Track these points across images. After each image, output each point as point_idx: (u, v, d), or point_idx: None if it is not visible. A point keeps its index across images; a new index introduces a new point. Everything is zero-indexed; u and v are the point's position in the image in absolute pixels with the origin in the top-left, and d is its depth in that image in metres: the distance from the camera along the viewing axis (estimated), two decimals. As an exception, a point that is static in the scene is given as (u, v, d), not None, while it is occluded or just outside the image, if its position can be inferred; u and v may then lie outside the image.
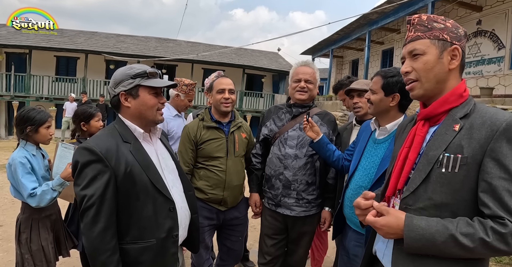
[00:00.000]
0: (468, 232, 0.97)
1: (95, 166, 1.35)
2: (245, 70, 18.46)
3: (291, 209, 2.25)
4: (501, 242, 0.94)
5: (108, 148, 1.38)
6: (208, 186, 2.35)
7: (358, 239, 1.87)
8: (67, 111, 13.00)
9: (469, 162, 1.03)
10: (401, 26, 12.53)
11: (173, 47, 19.06)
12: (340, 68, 18.52)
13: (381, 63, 14.43)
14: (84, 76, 16.00)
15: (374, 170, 1.80)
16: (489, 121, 1.03)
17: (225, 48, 19.12)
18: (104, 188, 1.34)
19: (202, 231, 2.38)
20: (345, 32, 13.96)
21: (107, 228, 1.34)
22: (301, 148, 2.26)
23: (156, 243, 1.46)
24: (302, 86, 2.29)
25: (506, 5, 8.64)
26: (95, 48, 16.07)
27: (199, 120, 2.44)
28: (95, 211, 1.33)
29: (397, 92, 1.80)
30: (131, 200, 1.42)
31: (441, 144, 1.10)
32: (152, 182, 1.46)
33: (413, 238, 1.03)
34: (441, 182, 1.07)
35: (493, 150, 1.00)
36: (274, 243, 2.40)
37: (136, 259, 1.43)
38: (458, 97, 1.14)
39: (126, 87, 1.48)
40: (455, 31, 1.16)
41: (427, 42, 1.16)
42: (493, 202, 0.98)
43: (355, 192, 1.87)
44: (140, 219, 1.43)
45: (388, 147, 1.79)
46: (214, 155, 2.35)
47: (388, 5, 9.72)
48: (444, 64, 1.14)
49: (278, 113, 2.43)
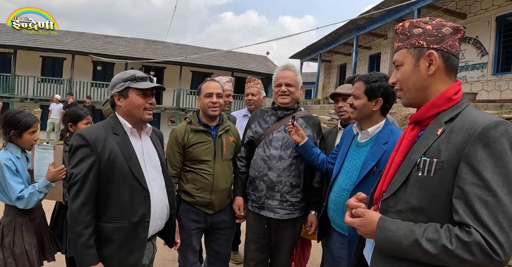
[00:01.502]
0: (433, 238, 0.95)
1: (84, 149, 1.61)
2: (233, 73, 18.46)
3: (275, 212, 2.25)
4: (466, 251, 0.90)
5: (97, 137, 1.64)
6: (196, 189, 2.34)
7: (343, 241, 1.89)
8: (53, 112, 12.78)
9: (445, 166, 1.00)
10: (388, 31, 12.72)
11: (161, 49, 18.96)
12: (328, 73, 18.67)
13: (368, 68, 14.59)
14: (70, 77, 15.78)
15: (357, 173, 1.82)
16: (468, 125, 1.00)
17: (214, 51, 19.09)
18: (88, 169, 1.59)
19: (189, 234, 2.38)
20: (334, 37, 14.08)
21: (85, 204, 1.58)
22: (286, 149, 2.27)
23: (128, 226, 1.67)
24: (283, 90, 2.32)
25: (489, 13, 8.86)
26: (82, 49, 15.88)
27: (186, 123, 2.44)
28: (78, 187, 1.58)
29: (380, 96, 1.82)
30: (111, 184, 1.65)
31: (422, 148, 1.08)
32: (132, 171, 1.68)
33: (383, 240, 1.04)
34: (418, 185, 1.05)
35: (467, 154, 0.96)
36: (258, 248, 2.39)
37: (109, 237, 1.65)
38: (446, 101, 1.11)
39: (119, 89, 1.74)
40: (434, 33, 1.13)
41: (404, 52, 1.18)
42: (463, 208, 0.94)
43: (338, 194, 1.89)
44: (117, 201, 1.66)
45: (370, 150, 1.82)
46: (201, 158, 2.35)
47: (375, 11, 9.86)
48: (421, 72, 1.14)
49: (264, 116, 2.45)
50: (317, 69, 16.93)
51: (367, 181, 1.75)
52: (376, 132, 1.86)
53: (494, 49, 8.67)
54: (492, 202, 0.90)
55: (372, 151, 1.80)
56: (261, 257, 2.41)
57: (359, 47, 13.08)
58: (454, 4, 9.31)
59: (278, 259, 2.44)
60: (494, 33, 8.72)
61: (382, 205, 1.19)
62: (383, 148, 1.77)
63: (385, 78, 1.83)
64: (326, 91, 18.33)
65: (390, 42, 12.60)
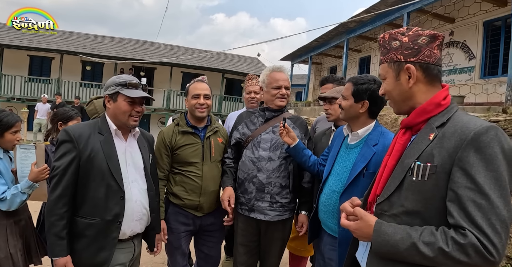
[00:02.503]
0: (430, 241, 0.97)
1: (67, 145, 1.70)
2: (224, 74, 18.46)
3: (265, 214, 2.23)
4: (461, 252, 0.93)
5: (81, 134, 1.72)
6: (184, 192, 2.32)
7: (333, 243, 1.88)
8: (39, 112, 12.56)
9: (438, 170, 1.03)
10: (378, 35, 12.74)
11: (152, 50, 18.83)
12: (318, 75, 18.76)
13: (358, 71, 14.71)
14: (58, 77, 15.56)
15: (347, 175, 1.82)
16: (460, 130, 1.03)
17: (205, 52, 19.05)
18: (68, 163, 1.68)
19: (178, 237, 2.36)
20: (324, 40, 14.17)
21: (61, 196, 1.66)
22: (275, 150, 2.27)
23: (101, 223, 1.72)
24: (283, 94, 2.31)
25: (476, 18, 9.01)
26: (71, 49, 15.68)
27: (174, 125, 2.42)
28: (57, 180, 1.67)
29: (366, 99, 1.83)
30: (89, 181, 1.71)
31: (415, 152, 1.11)
32: (111, 170, 1.73)
33: (380, 243, 1.06)
34: (412, 189, 1.08)
35: (460, 159, 0.99)
36: (247, 251, 2.37)
37: (82, 231, 1.72)
38: (436, 107, 1.14)
39: (110, 92, 1.80)
40: (411, 46, 1.16)
41: (385, 66, 1.23)
42: (457, 211, 0.97)
43: (328, 196, 1.89)
44: (93, 198, 1.72)
45: (360, 152, 1.82)
46: (189, 160, 2.33)
47: (366, 15, 9.95)
48: (402, 85, 1.19)
49: (251, 118, 2.43)
50: (308, 72, 17.01)
51: (357, 183, 1.75)
52: (366, 134, 1.87)
53: (482, 53, 8.81)
54: (485, 205, 0.93)
55: (362, 153, 1.81)
56: (250, 260, 2.39)
57: (349, 50, 13.18)
58: (443, 8, 9.45)
59: (267, 261, 2.42)
60: (481, 38, 8.87)
61: (376, 209, 1.20)
62: (373, 149, 1.78)
63: (373, 81, 1.84)
64: (316, 93, 18.40)
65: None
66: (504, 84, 7.59)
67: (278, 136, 2.27)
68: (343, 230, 1.77)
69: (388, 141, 1.79)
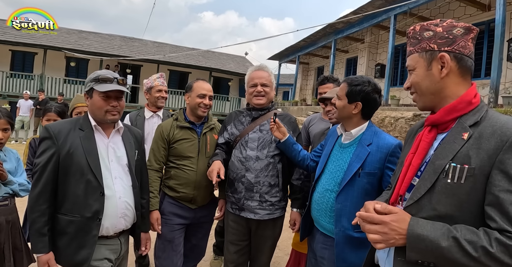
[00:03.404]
0: (472, 239, 0.92)
1: (47, 141, 1.71)
2: (212, 73, 18.37)
3: (255, 213, 2.24)
4: (506, 254, 0.88)
5: (60, 130, 1.73)
6: (179, 185, 2.37)
7: (325, 241, 1.90)
8: (22, 109, 12.19)
9: (476, 173, 0.98)
10: (365, 36, 13.00)
11: (138, 47, 18.57)
12: (306, 75, 18.87)
13: (345, 71, 14.86)
14: (42, 73, 15.17)
15: (341, 174, 1.84)
16: (499, 131, 0.98)
17: (192, 50, 18.92)
18: (47, 160, 1.68)
19: (172, 229, 2.38)
20: (312, 40, 14.24)
21: (41, 193, 1.67)
22: (262, 149, 2.27)
23: (80, 220, 1.71)
24: (259, 91, 2.32)
25: (461, 21, 9.21)
26: (55, 44, 15.25)
27: (173, 120, 2.49)
28: (37, 176, 1.68)
29: (359, 100, 1.85)
30: (68, 177, 1.71)
31: (448, 153, 1.05)
32: (90, 166, 1.72)
33: (417, 237, 0.98)
34: (446, 192, 1.02)
35: (501, 161, 0.94)
36: (237, 250, 2.37)
37: (64, 229, 1.72)
38: (467, 105, 1.09)
39: (86, 89, 1.82)
40: (445, 35, 1.12)
41: (416, 56, 1.17)
42: (499, 216, 0.92)
43: (321, 195, 1.90)
44: (72, 195, 1.71)
45: (354, 152, 1.84)
46: (185, 154, 2.38)
47: (354, 16, 10.04)
48: (434, 75, 1.13)
49: (239, 117, 2.45)
50: (295, 71, 17.08)
51: (353, 183, 1.77)
52: (359, 134, 1.89)
53: (465, 56, 9.00)
54: None
55: (356, 153, 1.82)
56: (240, 259, 2.40)
57: (336, 50, 13.28)
58: (429, 11, 9.64)
59: (258, 260, 2.43)
60: (465, 41, 9.06)
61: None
62: (367, 149, 1.80)
63: (368, 83, 1.85)
64: (303, 93, 18.53)
65: (367, 46, 12.88)
66: (486, 86, 7.78)
67: (265, 135, 2.29)
68: (339, 230, 1.79)
69: (382, 141, 1.83)
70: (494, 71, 6.30)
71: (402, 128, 5.83)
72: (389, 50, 9.41)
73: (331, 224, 1.85)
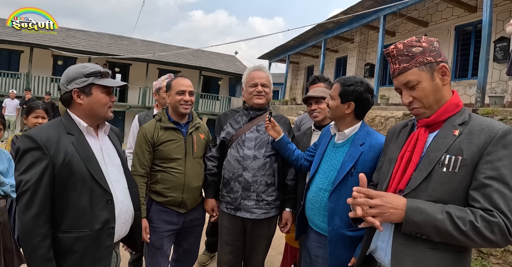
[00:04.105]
0: (461, 215, 1.08)
1: (34, 153, 1.43)
2: (202, 72, 18.30)
3: (251, 212, 2.24)
4: (488, 229, 1.05)
5: (48, 137, 1.46)
6: (167, 189, 2.27)
7: (320, 240, 1.92)
8: (7, 109, 11.98)
9: (468, 163, 1.15)
10: (355, 36, 13.10)
11: (127, 45, 18.37)
12: (296, 74, 18.93)
13: (335, 71, 14.95)
14: (28, 72, 14.89)
15: (334, 173, 1.85)
16: (487, 129, 1.16)
17: (182, 49, 18.80)
18: (40, 174, 1.41)
19: (161, 236, 2.30)
20: (302, 39, 14.29)
21: (39, 213, 1.40)
22: (260, 148, 2.27)
23: (90, 234, 1.51)
24: (260, 91, 2.31)
25: (449, 22, 9.36)
26: (41, 42, 14.96)
27: (156, 121, 2.37)
28: (30, 196, 1.40)
29: (352, 101, 1.86)
30: (68, 190, 1.48)
31: (442, 147, 1.21)
32: (91, 173, 1.52)
33: (416, 210, 1.13)
34: (442, 180, 1.18)
35: (489, 153, 1.12)
36: (232, 250, 2.37)
37: (70, 247, 1.48)
38: (455, 107, 1.27)
39: (79, 85, 1.58)
40: (433, 49, 1.26)
41: (416, 71, 1.26)
42: (482, 198, 1.09)
43: (315, 194, 1.92)
44: (75, 208, 1.49)
45: (347, 152, 1.85)
46: (172, 156, 2.29)
47: (344, 16, 10.13)
48: (438, 84, 1.26)
49: (235, 116, 2.43)
50: (285, 71, 17.13)
51: (346, 182, 1.78)
52: (352, 134, 1.91)
53: (453, 57, 9.16)
54: (507, 193, 1.08)
55: (349, 152, 1.84)
56: (235, 259, 2.39)
57: (326, 50, 13.36)
58: (417, 12, 9.77)
59: (253, 259, 2.43)
60: (453, 42, 9.23)
61: None
62: (360, 149, 1.82)
63: (360, 84, 1.87)
64: (293, 92, 18.58)
65: (356, 46, 12.98)
66: (473, 86, 7.92)
67: (263, 135, 2.30)
68: (332, 229, 1.81)
69: (375, 141, 1.85)
70: (481, 72, 6.41)
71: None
72: (379, 50, 9.50)
73: (325, 222, 1.86)
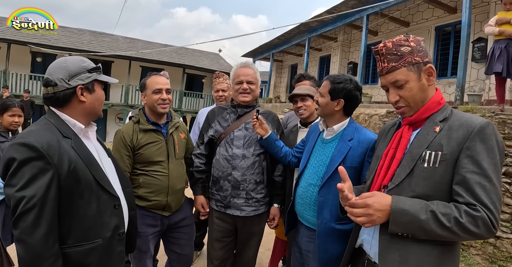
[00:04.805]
0: (446, 212, 1.10)
1: (36, 163, 1.23)
2: (185, 70, 18.14)
3: (241, 210, 2.24)
4: (472, 224, 1.07)
5: (49, 144, 1.28)
6: (150, 193, 2.18)
7: (310, 235, 1.94)
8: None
9: (448, 158, 1.17)
10: (339, 35, 13.24)
11: (109, 42, 18.03)
12: (280, 72, 19.01)
13: (318, 69, 15.09)
14: (5, 69, 14.40)
15: (323, 168, 1.88)
16: (466, 124, 1.18)
17: (165, 47, 18.58)
18: (47, 188, 1.23)
19: (146, 240, 2.24)
20: (286, 38, 14.34)
21: (50, 232, 1.23)
22: (248, 147, 2.27)
23: (102, 243, 1.40)
24: (245, 88, 2.29)
25: (429, 22, 9.59)
26: (19, 38, 14.46)
27: (133, 123, 2.26)
28: (36, 214, 1.21)
29: (342, 98, 1.90)
30: (75, 199, 1.33)
31: (423, 143, 1.24)
32: (96, 178, 1.40)
33: (400, 212, 1.13)
34: (423, 175, 1.20)
35: (468, 148, 1.15)
36: (223, 246, 2.37)
37: (81, 262, 1.35)
38: (437, 105, 1.29)
39: (84, 81, 1.43)
40: (420, 49, 1.28)
41: (404, 71, 1.28)
42: (465, 192, 1.11)
43: (305, 189, 1.95)
44: (84, 219, 1.35)
45: (336, 147, 1.88)
46: (154, 159, 2.20)
47: (328, 16, 10.22)
48: (424, 85, 1.28)
49: (223, 114, 2.40)
50: (269, 69, 17.16)
51: (335, 176, 1.81)
52: (341, 130, 1.94)
53: (433, 56, 9.37)
54: (488, 186, 1.10)
55: (338, 148, 1.87)
56: (225, 255, 2.40)
57: (310, 48, 13.44)
58: (399, 13, 9.96)
59: (245, 254, 2.44)
60: (433, 41, 9.46)
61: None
62: (348, 144, 1.85)
63: (350, 81, 1.91)
64: (277, 90, 18.65)
65: (340, 45, 13.13)
66: (453, 85, 8.15)
67: (251, 133, 2.29)
68: (321, 222, 1.84)
69: (363, 136, 1.89)
70: (460, 71, 6.60)
71: (376, 124, 6.01)
72: (362, 49, 9.64)
73: (315, 217, 1.89)
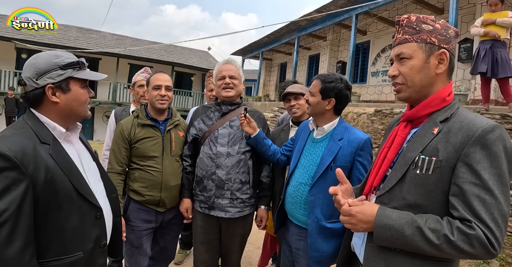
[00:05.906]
0: (436, 228, 0.98)
1: (8, 174, 1.11)
2: (174, 67, 18.02)
3: (226, 211, 2.19)
4: (466, 243, 0.95)
5: (24, 152, 1.16)
6: (144, 187, 2.22)
7: (300, 233, 1.96)
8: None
9: (443, 165, 1.04)
10: (328, 34, 13.32)
11: (96, 39, 17.75)
12: (269, 71, 19.02)
13: (307, 68, 15.16)
14: (-11, 65, 14.16)
15: (314, 168, 1.90)
16: (466, 127, 1.04)
17: (154, 44, 18.42)
18: (21, 200, 1.12)
19: (139, 235, 2.25)
20: (276, 36, 14.37)
21: (25, 247, 1.12)
22: (233, 145, 2.23)
23: (83, 256, 1.30)
24: (227, 82, 2.26)
25: (416, 22, 9.72)
26: (4, 34, 14.18)
27: (134, 117, 2.32)
28: (10, 228, 1.09)
29: (333, 97, 1.91)
30: (52, 211, 1.23)
31: (419, 146, 1.11)
32: (76, 188, 1.29)
33: (383, 227, 1.04)
34: (415, 183, 1.08)
35: (466, 155, 1.00)
36: (207, 249, 2.33)
37: None
38: (440, 101, 1.14)
39: (55, 80, 1.30)
40: (444, 33, 1.15)
41: (414, 46, 1.16)
42: (462, 206, 0.98)
43: (295, 188, 1.96)
44: (63, 231, 1.26)
45: (326, 146, 1.90)
46: (149, 154, 2.24)
47: (317, 14, 10.28)
48: (430, 69, 1.14)
49: (207, 113, 2.37)
50: (259, 67, 17.17)
51: (325, 176, 1.84)
52: (331, 129, 1.96)
53: (420, 56, 9.50)
54: (488, 200, 0.97)
55: (328, 147, 1.89)
56: (211, 258, 2.36)
57: (300, 47, 13.51)
58: (388, 13, 10.07)
59: (230, 258, 2.40)
60: (420, 41, 9.58)
61: (376, 202, 1.19)
62: (338, 144, 1.87)
63: (340, 80, 1.93)
64: (266, 89, 18.67)
65: (329, 43, 13.21)
66: (439, 85, 8.27)
67: (236, 130, 2.26)
68: (312, 221, 1.85)
69: (353, 136, 1.90)
70: (446, 71, 6.72)
71: (364, 123, 6.08)
72: (351, 48, 9.72)
73: (305, 216, 1.91)
